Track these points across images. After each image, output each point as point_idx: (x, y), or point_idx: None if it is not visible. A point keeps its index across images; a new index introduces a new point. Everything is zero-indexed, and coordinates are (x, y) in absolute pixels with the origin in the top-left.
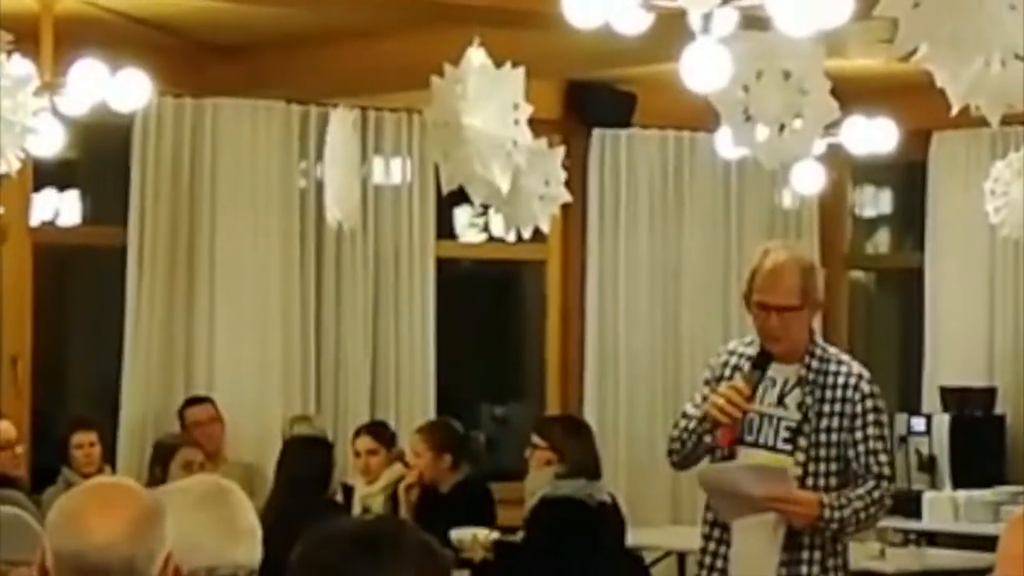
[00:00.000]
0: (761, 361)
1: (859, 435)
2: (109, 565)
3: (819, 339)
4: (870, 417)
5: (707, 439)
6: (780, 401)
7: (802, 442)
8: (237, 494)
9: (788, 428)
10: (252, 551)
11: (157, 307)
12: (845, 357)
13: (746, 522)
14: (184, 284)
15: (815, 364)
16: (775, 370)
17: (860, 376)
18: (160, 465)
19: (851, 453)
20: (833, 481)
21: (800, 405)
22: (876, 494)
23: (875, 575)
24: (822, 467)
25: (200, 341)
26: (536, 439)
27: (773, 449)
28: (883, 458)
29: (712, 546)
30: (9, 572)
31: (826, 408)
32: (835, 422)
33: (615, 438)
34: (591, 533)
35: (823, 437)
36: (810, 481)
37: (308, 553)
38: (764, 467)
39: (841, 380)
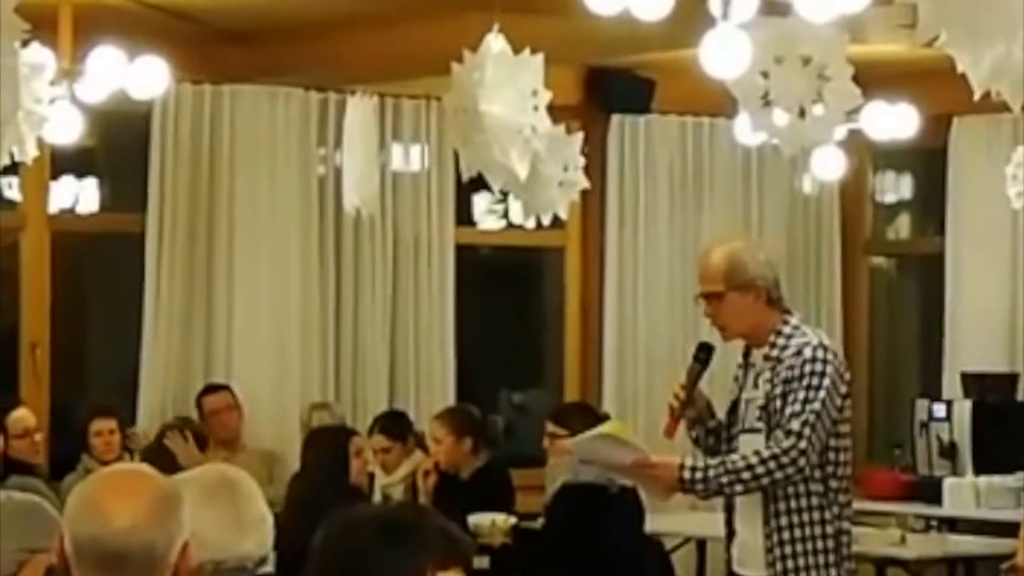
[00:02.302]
0: (700, 354)
1: (791, 398)
2: (128, 550)
3: (794, 320)
4: (804, 381)
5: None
6: (755, 384)
7: (764, 417)
8: (244, 485)
9: (758, 407)
10: (261, 541)
11: (176, 294)
12: (810, 331)
13: (743, 500)
14: (203, 271)
15: (780, 342)
16: (754, 355)
17: (807, 343)
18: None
19: (779, 416)
20: None
21: (765, 383)
22: (767, 453)
23: (896, 561)
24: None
25: (219, 328)
26: (554, 427)
27: (752, 431)
28: (804, 418)
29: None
30: (29, 559)
31: (779, 377)
32: (778, 389)
33: (634, 425)
34: (612, 519)
35: (771, 407)
36: None
37: (330, 540)
38: (607, 435)
39: (793, 351)
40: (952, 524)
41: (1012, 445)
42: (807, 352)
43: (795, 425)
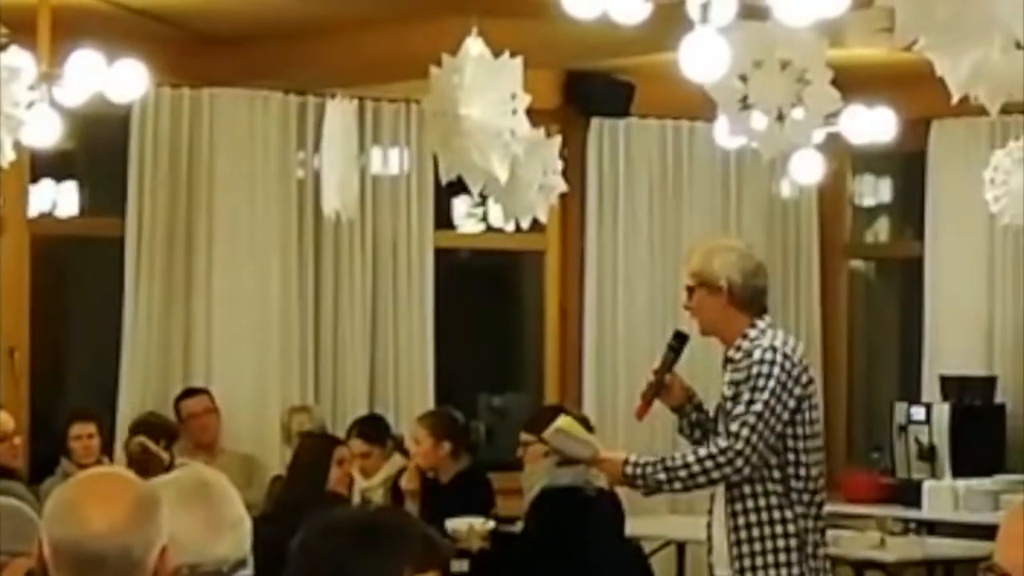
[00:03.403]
0: (673, 341)
1: (739, 399)
2: (106, 554)
3: (763, 324)
4: (749, 383)
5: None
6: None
7: (721, 418)
8: (220, 487)
9: (721, 408)
10: (238, 544)
11: (155, 298)
12: (771, 334)
13: (717, 502)
14: (182, 275)
15: (745, 345)
16: (728, 357)
17: (759, 346)
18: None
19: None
20: None
21: (724, 385)
22: (703, 452)
23: (875, 564)
24: None
25: (198, 332)
26: (527, 436)
27: (715, 432)
28: (743, 420)
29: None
30: (9, 563)
31: (734, 379)
32: (730, 391)
33: (614, 428)
34: (591, 522)
35: (726, 407)
36: None
37: (309, 543)
38: (560, 430)
39: (745, 353)
40: (931, 527)
41: (990, 448)
42: (756, 354)
43: (734, 426)
